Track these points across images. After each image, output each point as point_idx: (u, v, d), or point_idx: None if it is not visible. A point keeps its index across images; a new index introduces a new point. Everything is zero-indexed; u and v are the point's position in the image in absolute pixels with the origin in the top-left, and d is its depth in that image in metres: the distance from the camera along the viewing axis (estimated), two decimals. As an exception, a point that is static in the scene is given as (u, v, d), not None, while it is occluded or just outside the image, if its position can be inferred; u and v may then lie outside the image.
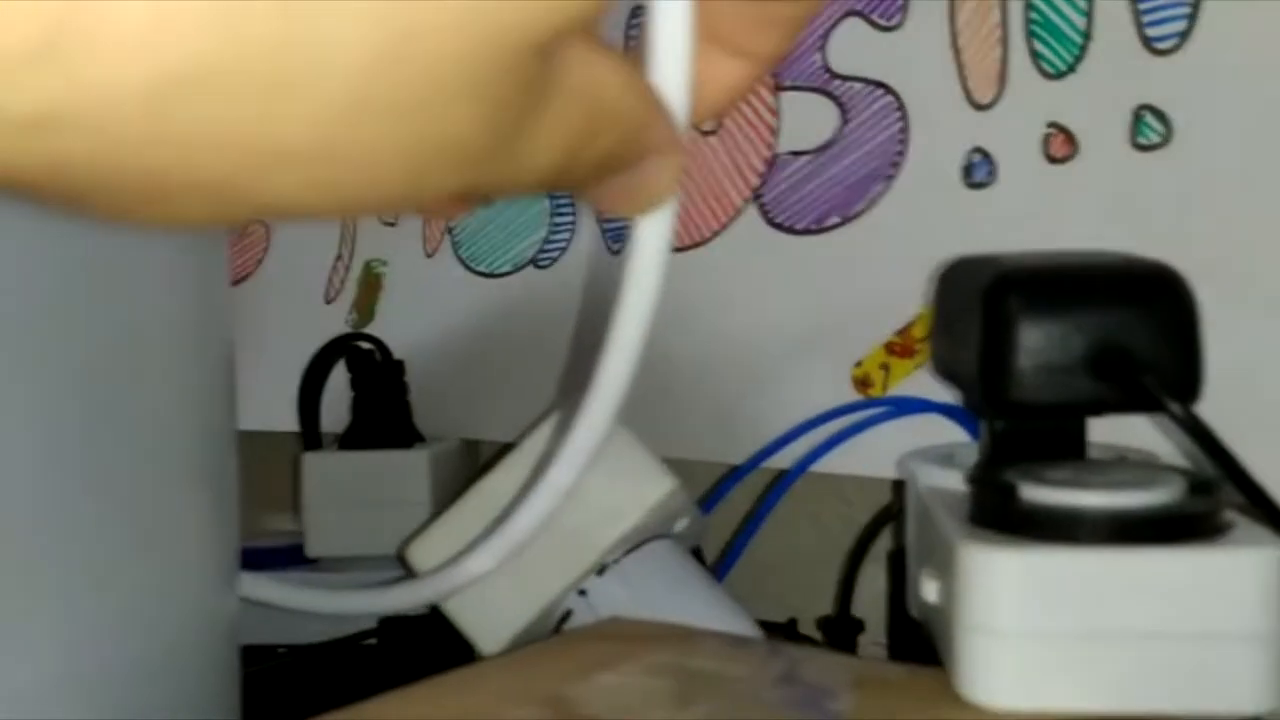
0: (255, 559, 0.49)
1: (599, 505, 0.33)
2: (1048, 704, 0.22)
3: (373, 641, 0.40)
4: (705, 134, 0.48)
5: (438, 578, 0.32)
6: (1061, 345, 0.23)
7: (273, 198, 0.12)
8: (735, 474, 0.38)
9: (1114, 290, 0.23)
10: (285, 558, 0.48)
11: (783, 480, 0.36)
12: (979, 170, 0.41)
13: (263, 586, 0.36)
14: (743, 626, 0.33)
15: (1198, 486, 0.23)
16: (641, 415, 0.47)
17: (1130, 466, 0.24)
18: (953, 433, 0.36)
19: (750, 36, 0.18)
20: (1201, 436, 0.22)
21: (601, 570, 0.33)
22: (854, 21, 0.44)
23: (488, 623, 0.33)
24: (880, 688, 0.24)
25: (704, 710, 0.22)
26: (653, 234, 0.20)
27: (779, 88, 0.46)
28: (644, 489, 0.33)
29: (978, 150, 0.41)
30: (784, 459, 0.37)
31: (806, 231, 0.45)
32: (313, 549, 0.46)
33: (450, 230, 0.57)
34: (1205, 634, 0.22)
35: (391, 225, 0.60)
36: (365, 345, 0.49)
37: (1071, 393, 0.23)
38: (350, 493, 0.46)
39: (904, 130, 0.43)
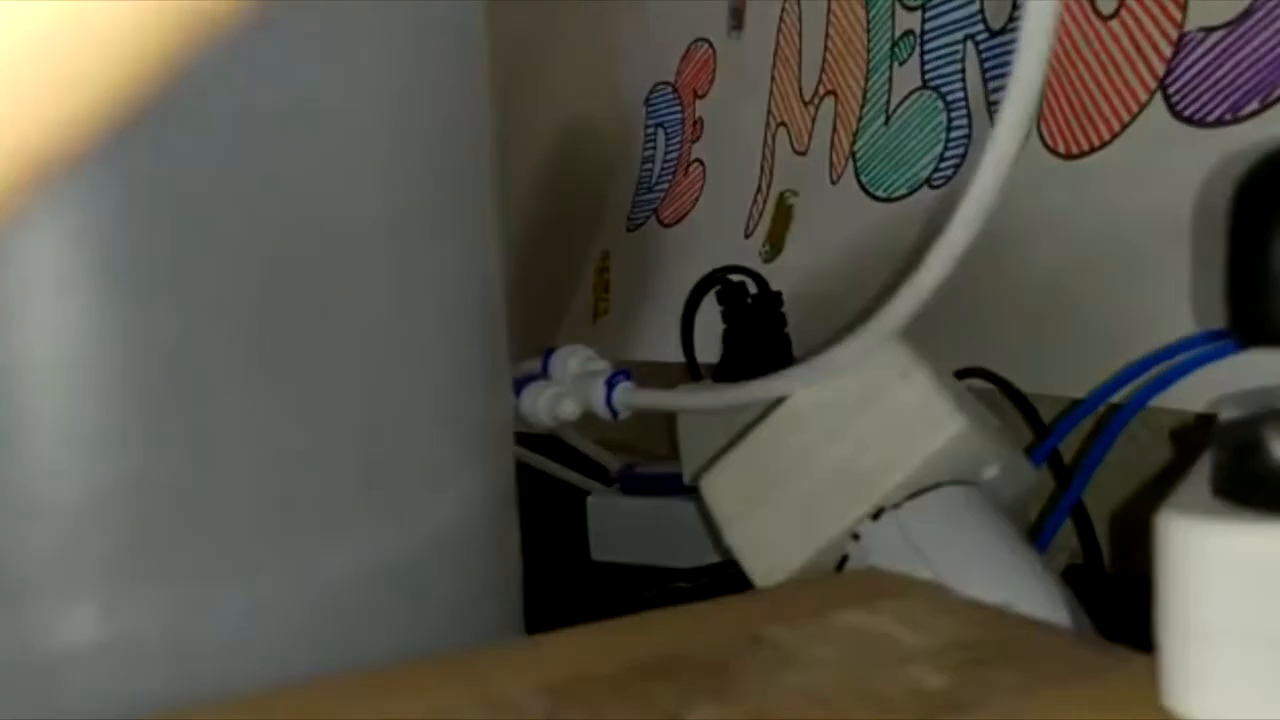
0: (643, 483, 0.52)
1: (881, 445, 0.30)
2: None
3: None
4: (1105, 19, 0.41)
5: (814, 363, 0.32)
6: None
7: None
8: (1074, 413, 0.33)
9: None
10: (670, 484, 0.49)
11: (1112, 422, 0.30)
12: None
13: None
14: (1040, 591, 0.28)
15: None
16: (985, 342, 0.42)
17: None
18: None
19: None
20: None
21: (877, 514, 0.30)
22: None
23: (765, 562, 0.32)
24: (1064, 678, 0.19)
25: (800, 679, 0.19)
26: None
27: (1188, -50, 0.38)
28: (930, 431, 0.30)
29: None
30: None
31: (1220, 123, 0.37)
32: (689, 477, 0.48)
33: (854, 155, 0.55)
34: None
35: (802, 155, 0.59)
36: (736, 278, 0.48)
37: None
38: (717, 423, 0.46)
39: (1344, -19, 0.34)
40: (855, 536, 0.30)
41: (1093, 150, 0.41)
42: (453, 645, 0.26)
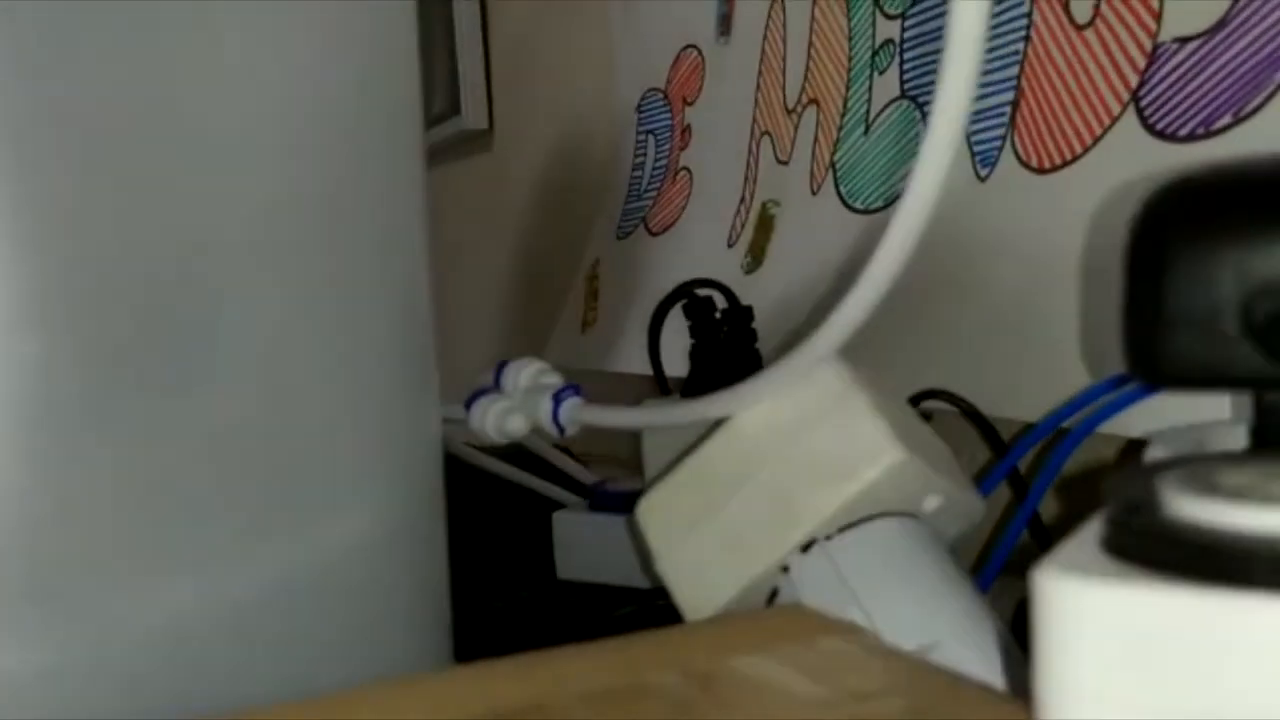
0: (611, 500, 0.51)
1: (815, 473, 0.29)
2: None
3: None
4: (1079, 28, 0.40)
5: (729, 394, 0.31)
6: (1213, 294, 0.15)
7: None
8: (1027, 438, 0.31)
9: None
10: (632, 501, 0.48)
11: (1061, 446, 0.29)
12: None
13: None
14: (972, 631, 0.27)
15: None
16: (949, 362, 0.41)
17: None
18: None
19: None
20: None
21: (808, 546, 0.29)
22: None
23: (695, 594, 0.30)
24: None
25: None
26: None
27: (1162, -43, 0.37)
28: (866, 460, 0.28)
29: None
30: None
31: (1192, 137, 0.36)
32: (654, 495, 0.46)
33: (834, 166, 0.53)
34: None
35: (785, 164, 0.58)
36: (704, 292, 0.47)
37: (1229, 364, 0.15)
38: (682, 442, 0.45)
39: (1317, -10, 0.32)
40: (785, 569, 0.29)
41: (1065, 164, 0.40)
42: (363, 677, 0.25)
